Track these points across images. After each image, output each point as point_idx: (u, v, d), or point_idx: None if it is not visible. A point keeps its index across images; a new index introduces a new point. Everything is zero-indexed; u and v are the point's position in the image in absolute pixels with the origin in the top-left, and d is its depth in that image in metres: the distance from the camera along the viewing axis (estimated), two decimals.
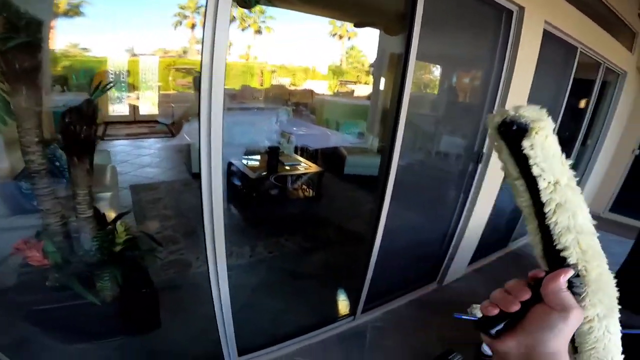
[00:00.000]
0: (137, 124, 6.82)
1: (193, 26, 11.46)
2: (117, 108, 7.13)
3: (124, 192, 3.67)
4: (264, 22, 12.60)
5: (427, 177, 2.74)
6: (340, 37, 13.63)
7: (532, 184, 0.36)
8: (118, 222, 1.63)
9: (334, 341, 2.15)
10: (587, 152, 4.11)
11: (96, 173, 3.17)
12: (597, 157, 4.12)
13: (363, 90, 11.06)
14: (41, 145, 1.47)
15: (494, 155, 1.88)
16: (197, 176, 4.35)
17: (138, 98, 7.83)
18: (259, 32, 12.69)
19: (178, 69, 9.70)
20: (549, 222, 0.36)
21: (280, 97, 9.27)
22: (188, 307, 2.19)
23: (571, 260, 0.36)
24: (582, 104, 3.71)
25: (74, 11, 6.03)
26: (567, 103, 3.02)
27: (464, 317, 1.01)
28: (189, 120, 5.41)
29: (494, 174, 2.43)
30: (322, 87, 11.97)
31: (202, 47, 1.13)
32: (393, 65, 4.09)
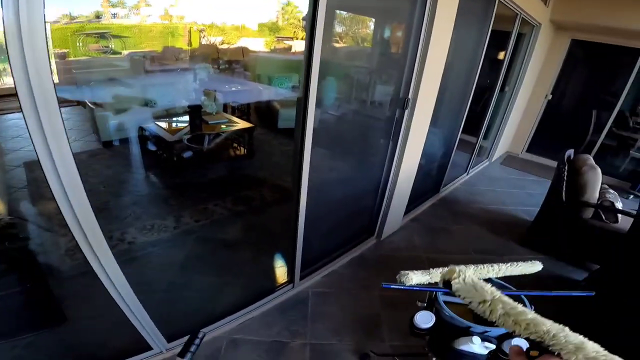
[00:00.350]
0: None
1: None
2: (8, 80, 6.29)
3: (17, 170, 3.14)
4: None
5: (360, 127, 2.66)
6: None
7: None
8: None
9: (274, 313, 2.06)
10: (505, 98, 4.37)
11: None
12: (515, 102, 4.42)
13: (300, 45, 10.65)
14: None
15: (420, 101, 1.81)
16: (108, 145, 3.78)
17: None
18: None
19: (89, 34, 8.79)
20: (497, 324, 0.51)
21: (208, 57, 8.62)
22: (98, 295, 1.94)
23: (549, 344, 0.47)
24: (500, 54, 3.86)
25: None
26: (486, 53, 3.08)
27: (392, 286, 0.94)
28: (90, 84, 4.73)
29: (420, 119, 2.40)
30: (258, 44, 11.32)
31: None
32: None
